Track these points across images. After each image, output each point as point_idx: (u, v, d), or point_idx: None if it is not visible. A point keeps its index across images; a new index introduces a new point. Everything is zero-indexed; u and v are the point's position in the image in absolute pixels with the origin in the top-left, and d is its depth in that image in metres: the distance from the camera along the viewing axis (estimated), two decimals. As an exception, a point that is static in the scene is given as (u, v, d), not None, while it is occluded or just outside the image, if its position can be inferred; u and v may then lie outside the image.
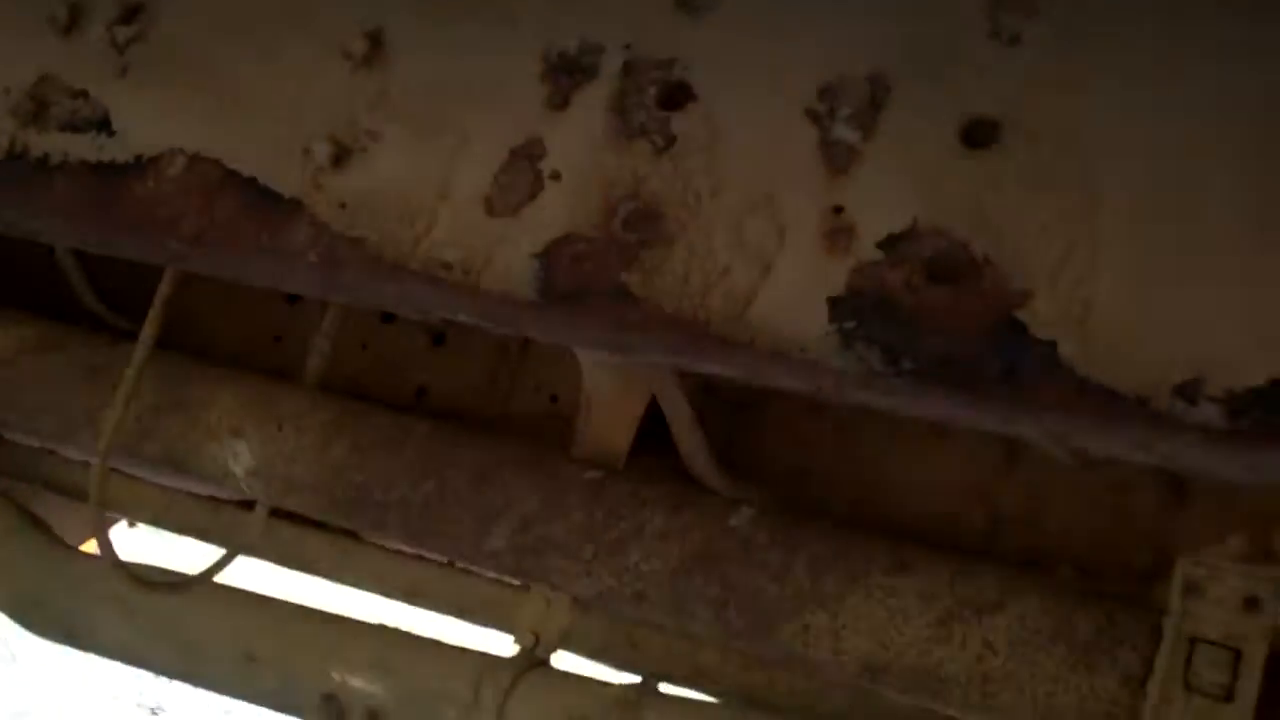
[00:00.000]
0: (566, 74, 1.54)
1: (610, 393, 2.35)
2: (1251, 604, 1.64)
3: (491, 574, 2.49)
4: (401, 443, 2.24)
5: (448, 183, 1.56)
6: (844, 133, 1.42)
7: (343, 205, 1.59)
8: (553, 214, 1.50)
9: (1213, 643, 1.63)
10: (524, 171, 1.53)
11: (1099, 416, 1.30)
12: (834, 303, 1.38)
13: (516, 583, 2.55)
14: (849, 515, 2.47)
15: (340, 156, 1.60)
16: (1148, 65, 1.35)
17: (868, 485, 2.49)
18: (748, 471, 2.52)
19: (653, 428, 2.39)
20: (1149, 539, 2.29)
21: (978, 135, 1.39)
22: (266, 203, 1.61)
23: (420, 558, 2.76)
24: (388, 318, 2.90)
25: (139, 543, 3.38)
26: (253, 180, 1.62)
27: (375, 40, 1.62)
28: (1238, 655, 1.61)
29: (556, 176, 1.51)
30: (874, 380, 1.39)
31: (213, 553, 2.52)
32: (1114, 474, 2.34)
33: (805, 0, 1.48)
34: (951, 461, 2.44)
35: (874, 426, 2.50)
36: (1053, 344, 1.31)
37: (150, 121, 1.68)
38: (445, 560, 2.72)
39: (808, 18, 1.48)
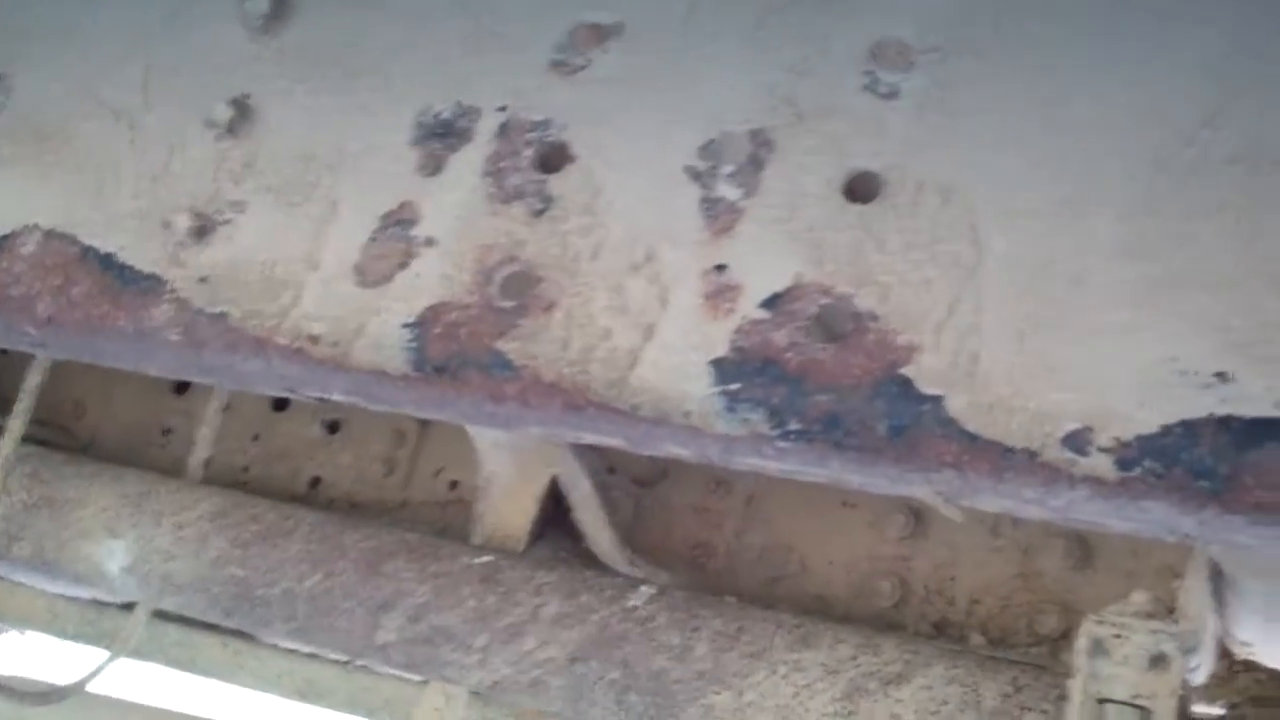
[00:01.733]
0: (440, 138, 1.50)
1: (509, 475, 2.29)
2: (1158, 661, 1.60)
3: (386, 669, 2.40)
4: (287, 534, 2.16)
5: (316, 252, 1.50)
6: (726, 190, 1.39)
7: (204, 280, 1.52)
8: (426, 282, 1.45)
9: (1121, 702, 1.58)
10: (396, 239, 1.48)
11: (990, 472, 1.26)
12: (717, 364, 1.34)
13: (416, 678, 2.46)
14: (757, 590, 2.42)
15: (202, 229, 1.54)
16: (1028, 118, 1.33)
17: (775, 559, 2.44)
18: (653, 550, 2.47)
19: (558, 510, 2.33)
20: (1056, 602, 2.26)
21: (860, 190, 1.36)
22: (124, 280, 1.54)
23: (316, 656, 2.67)
24: (280, 407, 2.83)
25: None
26: (110, 256, 1.55)
27: (241, 107, 1.57)
28: (1147, 714, 1.56)
29: (430, 243, 1.46)
30: (761, 444, 1.34)
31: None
32: (1019, 537, 2.32)
33: (683, 58, 1.46)
34: (858, 533, 2.40)
35: (781, 500, 2.46)
36: (940, 399, 1.27)
37: (4, 196, 1.61)
38: (343, 658, 2.63)
39: (686, 75, 1.45)
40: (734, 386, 1.33)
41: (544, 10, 1.52)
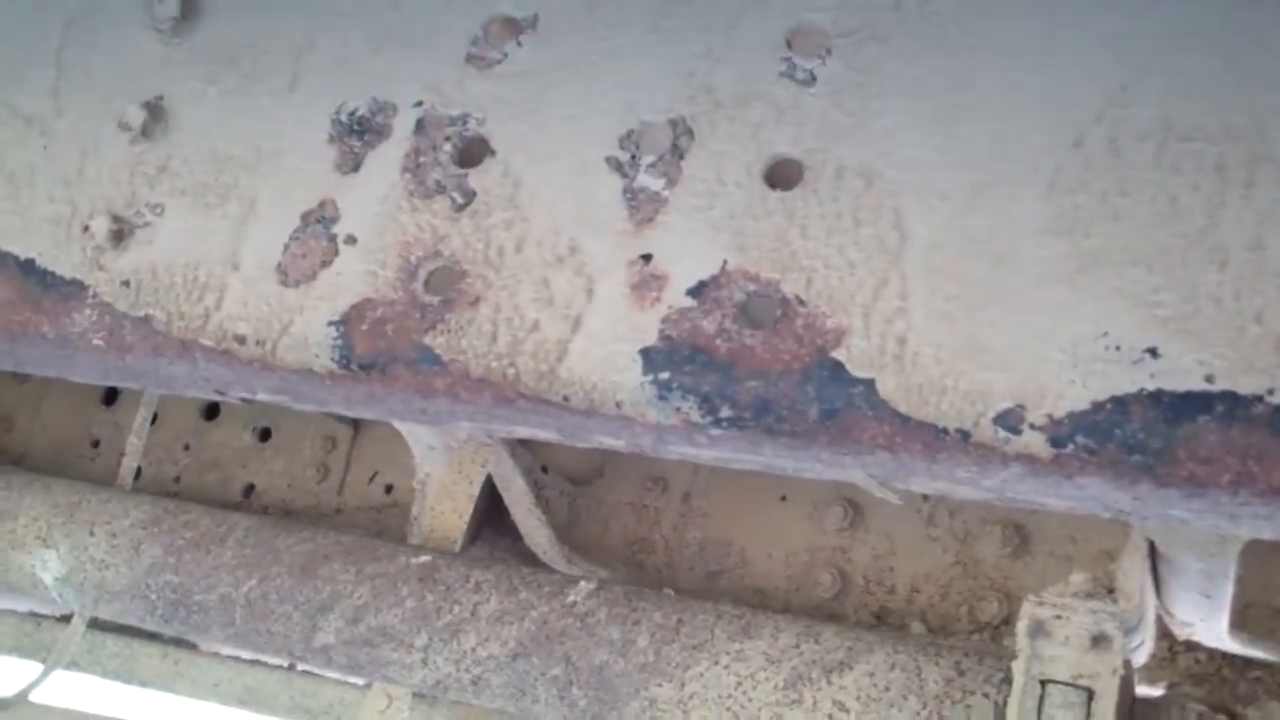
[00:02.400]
0: (357, 135, 1.48)
1: (444, 476, 2.27)
2: (1099, 641, 1.61)
3: (328, 672, 2.37)
4: (221, 540, 2.12)
5: (237, 253, 1.48)
6: (648, 180, 1.38)
7: (126, 284, 1.49)
8: (349, 279, 1.43)
9: (1064, 683, 1.59)
10: (317, 237, 1.45)
11: (923, 453, 1.26)
12: (646, 354, 1.33)
13: (359, 681, 2.44)
14: (698, 585, 2.41)
15: (121, 233, 1.51)
16: (943, 100, 1.33)
17: (715, 554, 2.44)
18: (591, 548, 2.46)
19: (495, 510, 2.32)
20: (995, 588, 2.27)
21: (781, 176, 1.35)
22: (45, 285, 1.51)
23: (258, 662, 2.64)
24: (211, 415, 2.80)
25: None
26: (30, 262, 1.52)
27: (154, 110, 1.54)
28: (1090, 694, 1.57)
29: (352, 240, 1.44)
30: (693, 432, 1.33)
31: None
32: (956, 526, 2.33)
33: (599, 48, 1.45)
34: (797, 525, 2.41)
35: (719, 495, 2.46)
36: (871, 382, 1.27)
37: (-84, 206, 1.57)
38: (285, 663, 2.60)
39: (604, 66, 1.44)
40: (664, 375, 1.32)
41: (457, 5, 1.51)
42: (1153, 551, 1.68)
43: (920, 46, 1.35)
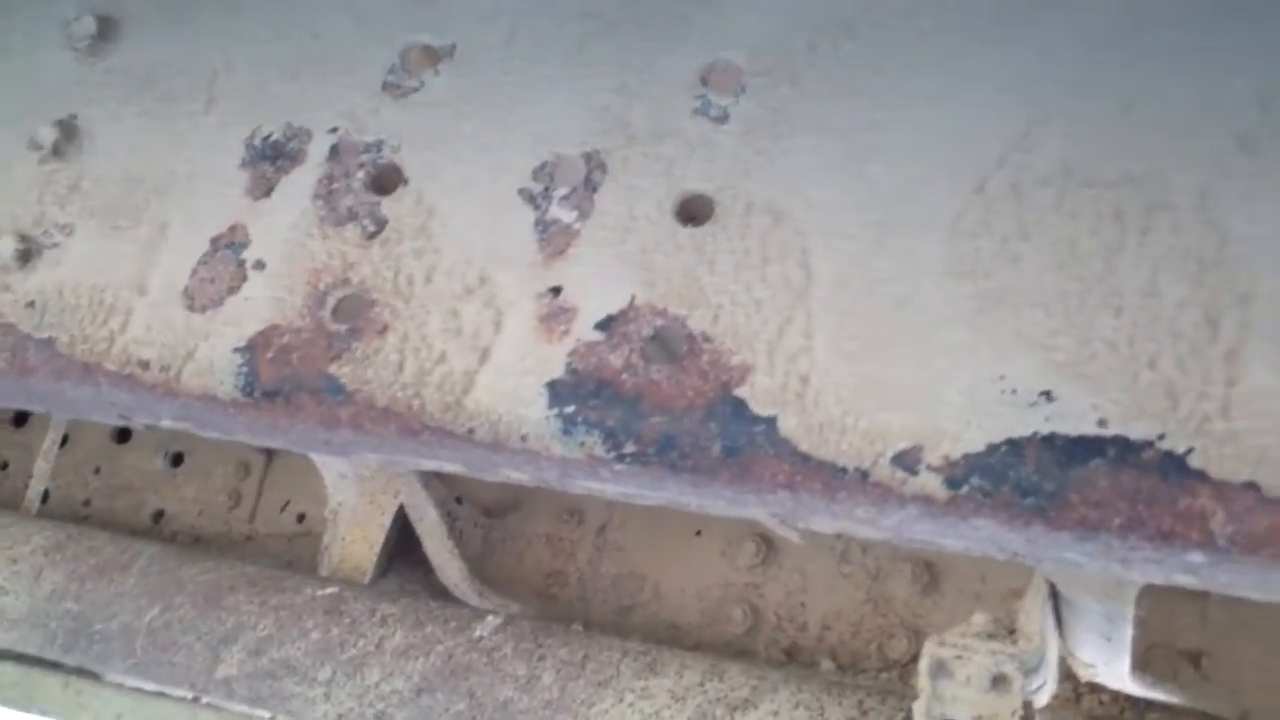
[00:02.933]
0: (270, 160, 1.47)
1: (355, 506, 2.26)
2: (999, 682, 1.63)
3: (231, 705, 2.33)
4: (125, 568, 2.09)
5: (145, 276, 1.46)
6: (560, 213, 1.38)
7: (31, 304, 1.47)
8: (257, 306, 1.42)
9: (963, 724, 1.60)
10: (226, 262, 1.44)
11: (823, 492, 1.27)
12: (553, 387, 1.33)
13: (263, 713, 2.40)
14: (610, 619, 2.41)
15: (28, 252, 1.49)
16: (850, 141, 1.35)
17: (628, 588, 2.44)
18: (505, 581, 2.45)
19: (409, 539, 2.31)
20: (905, 626, 2.29)
21: (692, 212, 1.36)
22: (-55, 306, 1.48)
23: (163, 694, 2.59)
24: (122, 439, 2.76)
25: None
26: (-70, 283, 1.50)
27: (67, 129, 1.53)
28: (989, 735, 1.58)
29: (260, 266, 1.43)
30: (598, 466, 1.33)
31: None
32: (869, 563, 2.35)
33: (516, 79, 1.45)
34: (710, 561, 2.41)
35: (634, 529, 2.46)
36: (773, 420, 1.27)
37: None
38: (189, 695, 2.56)
39: (520, 97, 1.44)
40: (570, 409, 1.32)
41: (375, 32, 1.51)
42: (1055, 593, 1.70)
43: (831, 88, 1.37)
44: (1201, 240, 1.24)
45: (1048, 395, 1.22)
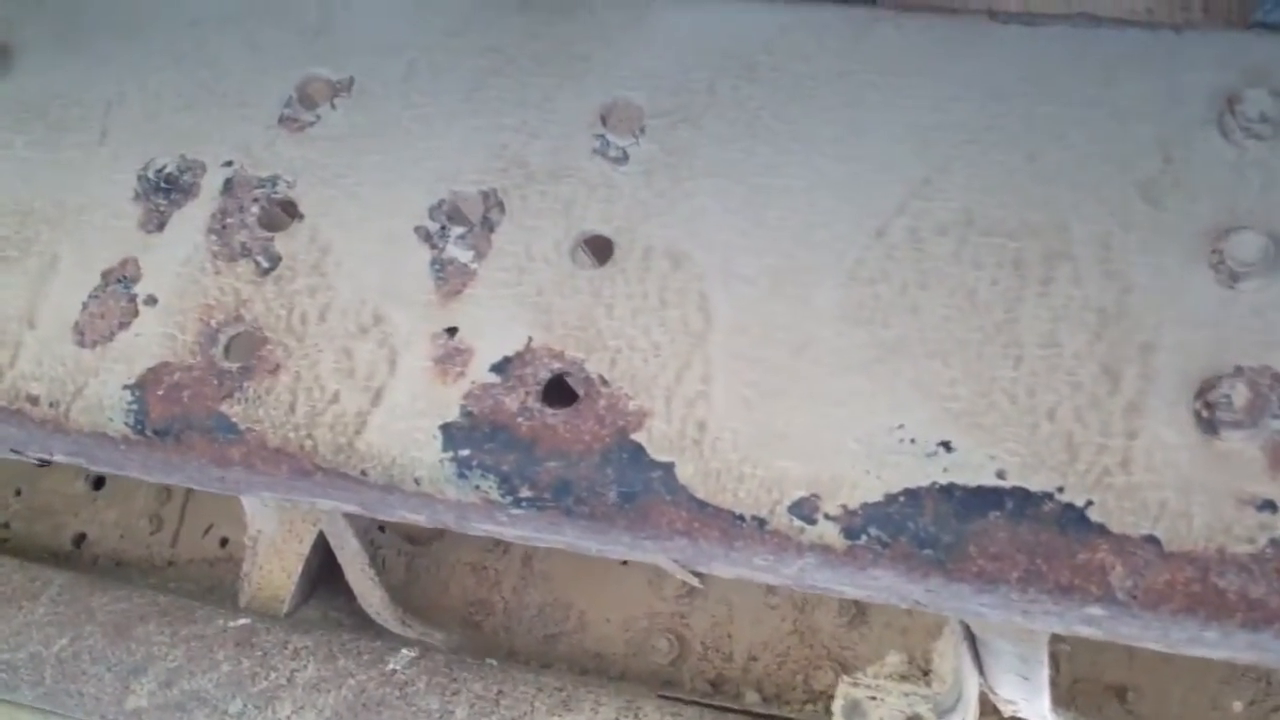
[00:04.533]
0: (163, 193, 1.44)
1: (275, 533, 2.22)
2: (911, 724, 1.61)
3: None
4: (34, 597, 2.05)
5: (34, 309, 1.42)
6: (457, 252, 1.36)
7: (-86, 339, 1.43)
8: (147, 342, 1.38)
9: (874, 766, 1.59)
10: (117, 297, 1.41)
11: (720, 540, 1.24)
12: (447, 430, 1.30)
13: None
14: (535, 649, 2.38)
15: (-88, 285, 1.45)
16: (750, 185, 1.33)
17: (554, 617, 2.41)
18: (429, 609, 2.41)
19: (331, 567, 2.27)
20: (831, 658, 2.27)
21: (590, 253, 1.34)
22: None
23: (73, 723, 2.55)
24: (44, 460, 2.71)
25: None
26: None
27: (-45, 158, 1.49)
28: (899, 777, 1.57)
29: (152, 301, 1.40)
30: (494, 511, 1.31)
31: None
32: (795, 595, 2.33)
33: (415, 115, 1.42)
34: (637, 590, 2.39)
35: (560, 557, 2.43)
36: (670, 466, 1.25)
37: None
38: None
39: (418, 133, 1.41)
40: (464, 452, 1.29)
41: (272, 64, 1.48)
42: (970, 633, 1.68)
43: (732, 131, 1.35)
44: (1102, 291, 1.22)
45: (946, 445, 1.20)
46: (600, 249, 1.33)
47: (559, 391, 1.30)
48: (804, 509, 1.22)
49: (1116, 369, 1.19)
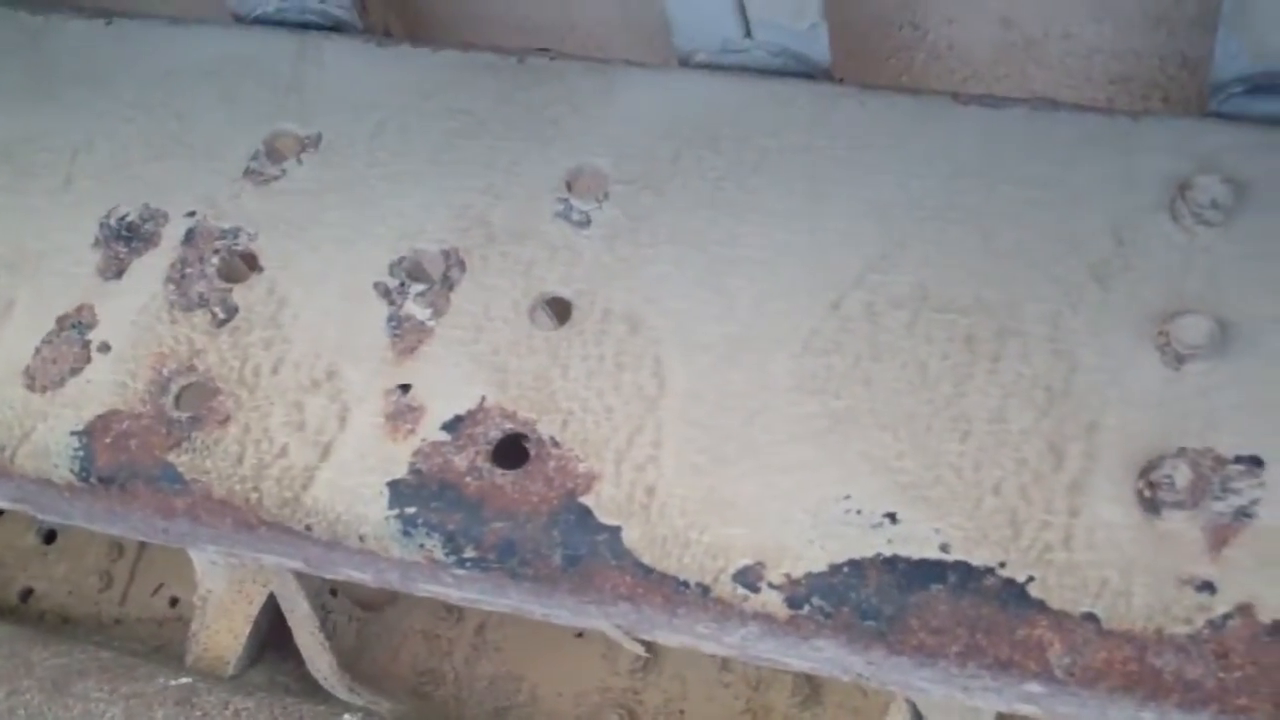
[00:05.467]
0: (124, 241, 1.44)
1: (224, 593, 2.19)
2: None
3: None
4: (-26, 650, 2.02)
5: (-14, 354, 1.42)
6: (414, 309, 1.36)
7: None
8: (98, 388, 1.38)
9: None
10: (70, 342, 1.40)
11: (664, 606, 1.24)
12: (394, 487, 1.29)
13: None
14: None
15: None
16: (709, 254, 1.34)
17: (505, 689, 2.38)
18: (378, 677, 2.38)
19: (281, 630, 2.24)
20: (776, 739, 2.25)
21: (548, 315, 1.34)
22: None
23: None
24: (-4, 512, 2.68)
25: None
26: None
27: (-83, 201, 1.49)
28: None
29: (105, 349, 1.39)
30: (438, 570, 1.30)
31: None
32: (749, 673, 2.31)
33: (380, 173, 1.44)
34: (590, 664, 2.36)
35: (514, 627, 2.41)
36: (617, 530, 1.25)
37: None
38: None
39: (382, 191, 1.42)
40: (410, 510, 1.28)
41: (240, 117, 1.49)
42: (918, 713, 1.67)
43: (694, 200, 1.37)
44: (1050, 369, 1.23)
45: (892, 517, 1.20)
46: (560, 311, 1.33)
47: (510, 452, 1.30)
48: (748, 577, 1.21)
49: (1061, 447, 1.20)
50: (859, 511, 1.21)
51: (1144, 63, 1.55)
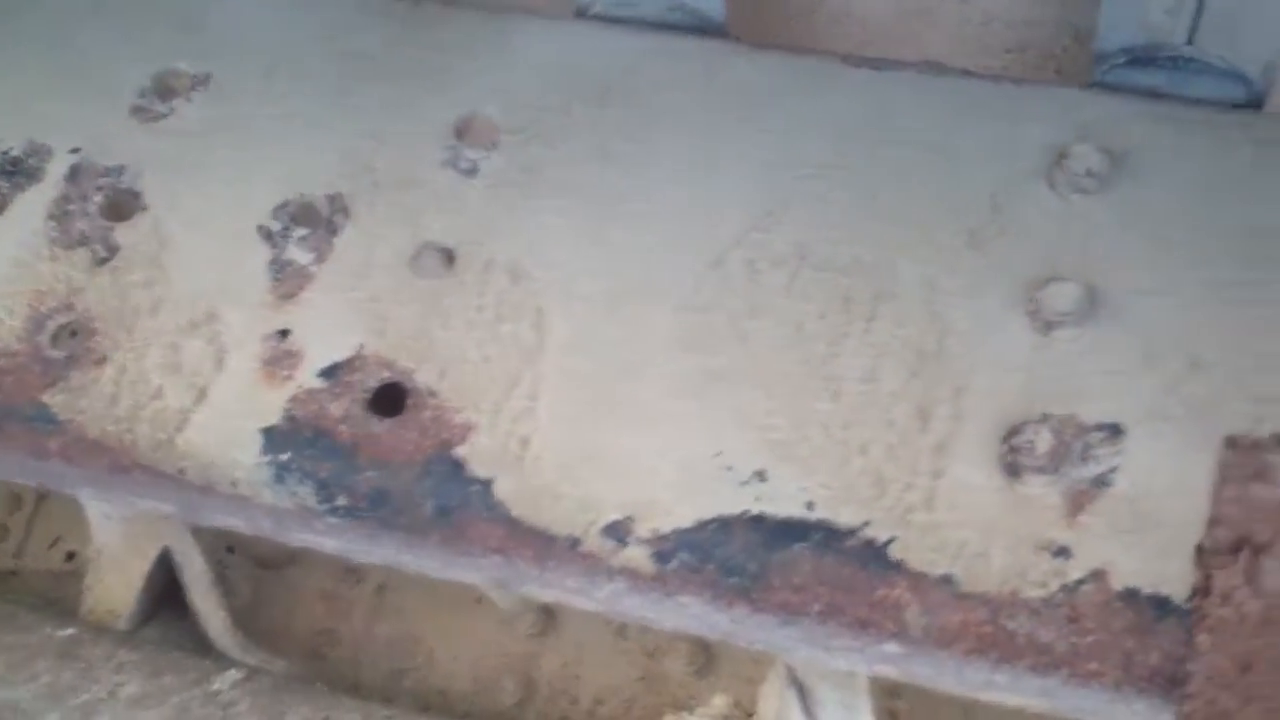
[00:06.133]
0: (7, 176, 1.42)
1: (117, 548, 2.17)
2: (730, 766, 1.60)
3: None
4: None
5: None
6: (297, 254, 1.35)
7: None
8: (-27, 325, 1.36)
9: (689, 807, 1.58)
10: (-55, 279, 1.38)
11: (533, 559, 1.24)
12: (268, 433, 1.29)
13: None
14: (381, 683, 2.34)
15: None
16: (595, 207, 1.34)
17: (402, 651, 2.37)
18: (274, 636, 2.37)
19: (177, 586, 2.22)
20: (678, 704, 2.26)
21: (431, 263, 1.34)
22: None
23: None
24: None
25: None
26: None
27: None
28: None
29: (-18, 285, 1.38)
30: (310, 518, 1.29)
31: None
32: (646, 641, 2.31)
33: (270, 114, 1.42)
34: (489, 628, 2.36)
35: (415, 590, 2.40)
36: (489, 482, 1.25)
37: None
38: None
39: (270, 133, 1.41)
40: (284, 457, 1.28)
41: (131, 54, 1.47)
42: (795, 678, 1.68)
43: (582, 152, 1.37)
44: (923, 332, 1.24)
45: (761, 475, 1.21)
46: (444, 261, 1.33)
47: (387, 401, 1.29)
48: (617, 531, 1.22)
49: (929, 409, 1.21)
50: (729, 468, 1.22)
51: (1038, 33, 1.57)
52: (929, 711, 2.23)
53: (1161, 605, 1.13)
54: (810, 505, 1.19)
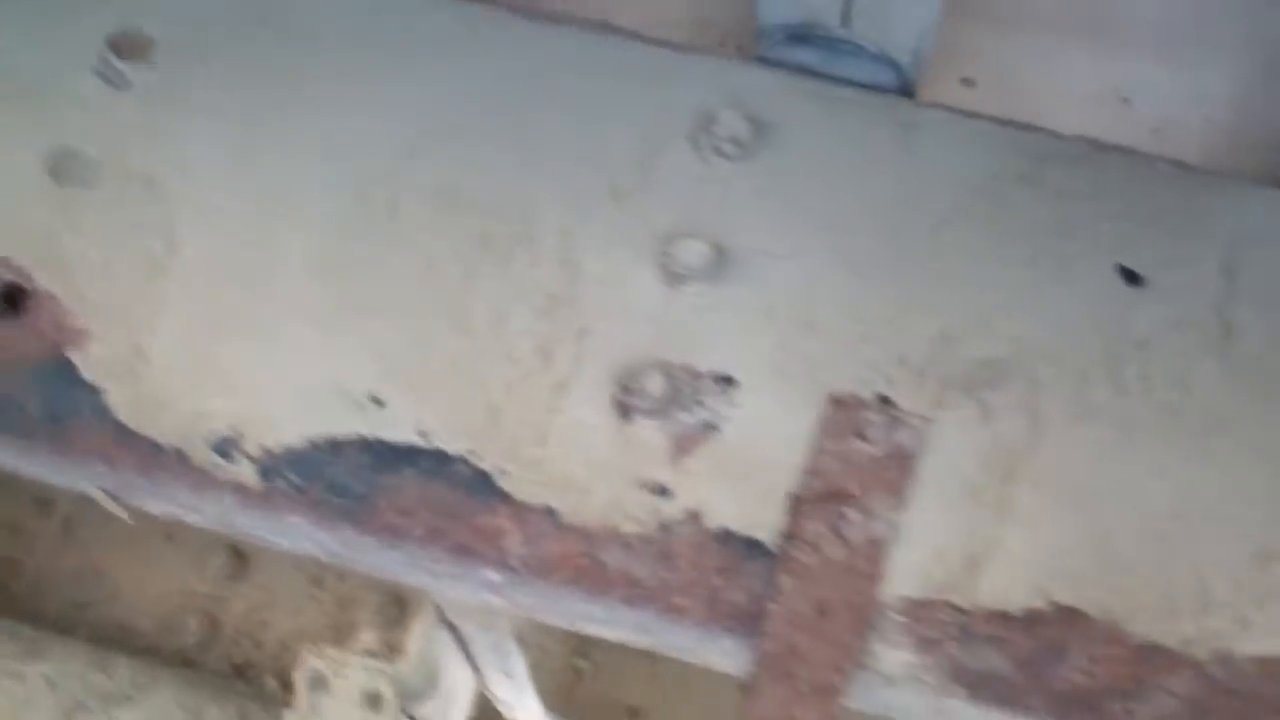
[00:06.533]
0: None
1: None
2: (373, 700, 1.61)
3: None
4: None
5: None
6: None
7: None
8: None
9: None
10: None
11: (140, 469, 1.23)
12: None
13: None
14: (61, 614, 2.29)
15: None
16: (243, 129, 1.32)
17: (86, 584, 2.33)
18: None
19: None
20: (365, 654, 2.26)
21: (69, 170, 1.31)
22: None
23: None
24: None
25: None
26: None
27: None
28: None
29: None
30: (-86, 418, 1.25)
31: None
32: (342, 590, 2.31)
33: None
34: (176, 568, 2.33)
35: (104, 525, 2.35)
36: (102, 391, 1.23)
37: None
38: None
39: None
40: (-115, 351, 1.23)
41: None
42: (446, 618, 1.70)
43: (239, 76, 1.34)
44: (555, 276, 1.26)
45: (378, 401, 1.22)
46: (82, 169, 1.30)
47: (6, 301, 1.26)
48: (225, 446, 1.21)
49: (552, 349, 1.23)
50: (345, 393, 1.22)
51: (722, 9, 1.61)
52: (615, 666, 2.29)
53: (753, 548, 1.18)
54: (424, 434, 1.21)
